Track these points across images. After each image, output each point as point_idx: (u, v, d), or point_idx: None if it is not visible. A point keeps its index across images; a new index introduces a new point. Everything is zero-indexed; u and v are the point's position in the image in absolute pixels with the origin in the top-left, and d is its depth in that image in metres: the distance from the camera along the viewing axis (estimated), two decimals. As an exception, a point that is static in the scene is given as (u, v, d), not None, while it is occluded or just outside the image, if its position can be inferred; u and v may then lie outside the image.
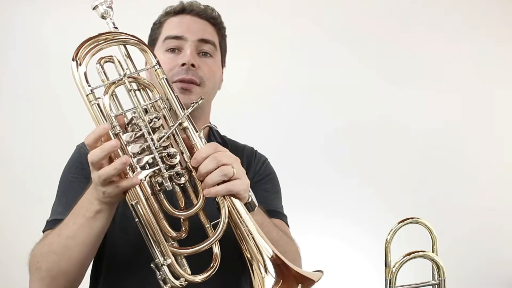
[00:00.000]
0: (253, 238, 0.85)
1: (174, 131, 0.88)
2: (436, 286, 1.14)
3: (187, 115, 0.89)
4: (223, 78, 1.26)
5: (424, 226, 1.18)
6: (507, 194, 2.55)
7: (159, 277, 0.83)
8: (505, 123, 2.59)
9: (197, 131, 0.89)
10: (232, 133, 1.33)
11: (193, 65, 1.09)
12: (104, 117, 0.84)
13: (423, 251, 1.12)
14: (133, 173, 0.82)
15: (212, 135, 1.22)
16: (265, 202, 1.16)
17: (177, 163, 0.87)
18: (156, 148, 0.85)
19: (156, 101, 0.90)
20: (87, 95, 0.85)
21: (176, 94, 0.91)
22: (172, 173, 0.86)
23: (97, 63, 0.92)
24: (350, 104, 2.46)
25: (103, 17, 0.95)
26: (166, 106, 0.90)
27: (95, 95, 0.85)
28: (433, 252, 1.18)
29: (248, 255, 0.86)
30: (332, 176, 2.41)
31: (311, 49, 2.46)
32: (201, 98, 0.92)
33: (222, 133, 1.28)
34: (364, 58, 2.49)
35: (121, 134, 0.84)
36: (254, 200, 0.94)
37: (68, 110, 2.24)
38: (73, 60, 0.86)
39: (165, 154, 0.86)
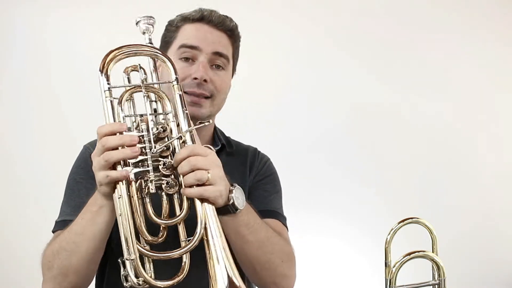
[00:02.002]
0: (216, 250, 0.86)
1: (174, 144, 0.91)
2: (436, 286, 1.14)
3: (190, 132, 0.91)
4: (232, 84, 1.27)
5: (424, 226, 1.19)
6: (507, 194, 2.55)
7: (122, 273, 0.85)
8: (506, 123, 2.60)
9: None
10: (233, 133, 1.33)
11: (205, 80, 1.11)
12: (114, 114, 0.88)
13: (423, 251, 1.12)
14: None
15: (217, 137, 1.24)
16: (264, 202, 1.18)
17: (170, 174, 0.90)
18: (152, 154, 0.88)
19: (167, 114, 0.93)
20: (104, 91, 0.89)
21: (186, 111, 0.93)
22: (162, 181, 0.89)
23: (123, 72, 0.98)
24: (350, 104, 2.46)
25: (143, 33, 1.01)
26: (175, 121, 0.93)
27: (111, 93, 0.89)
28: (433, 252, 1.18)
29: (209, 263, 0.87)
30: (332, 176, 2.41)
31: (311, 48, 2.46)
32: (208, 122, 0.95)
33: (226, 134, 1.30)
34: (366, 59, 2.49)
35: (125, 132, 0.87)
36: (238, 202, 0.95)
37: (68, 110, 2.24)
38: (99, 70, 0.90)
39: (161, 162, 0.89)
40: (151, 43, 0.99)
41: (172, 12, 1.24)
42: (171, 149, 0.91)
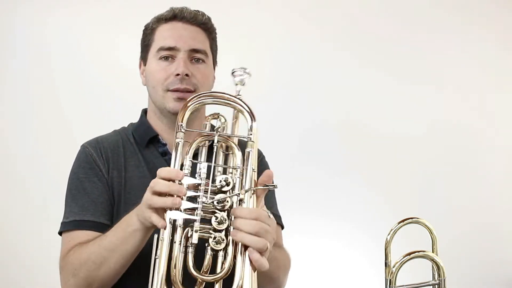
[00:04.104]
0: None
1: (233, 201, 0.90)
2: (436, 286, 1.15)
3: (252, 192, 0.90)
4: (215, 76, 1.28)
5: (424, 226, 1.19)
6: (507, 194, 2.55)
7: None
8: (506, 123, 2.60)
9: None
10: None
11: (186, 75, 1.13)
12: (179, 156, 0.90)
13: (423, 251, 1.12)
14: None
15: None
16: None
17: (221, 229, 0.88)
18: (205, 205, 0.87)
19: (234, 169, 0.93)
20: (176, 132, 0.92)
21: (254, 171, 0.92)
22: (211, 235, 0.87)
23: (205, 118, 1.02)
24: (350, 103, 2.46)
25: (236, 84, 1.03)
26: (240, 177, 0.91)
27: (182, 135, 0.91)
28: (433, 252, 1.18)
29: None
30: (332, 176, 2.40)
31: (308, 46, 2.46)
32: (274, 186, 0.92)
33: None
34: (366, 58, 2.49)
35: (186, 176, 0.88)
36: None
37: (69, 110, 2.24)
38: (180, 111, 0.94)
39: (215, 216, 0.87)
40: (239, 95, 1.01)
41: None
42: (228, 205, 0.89)
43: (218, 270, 0.88)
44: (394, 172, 2.47)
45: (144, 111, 1.25)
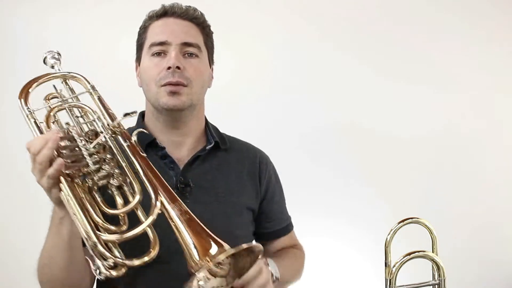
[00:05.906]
0: None
1: (107, 140, 0.95)
2: (436, 286, 1.15)
3: (117, 124, 0.96)
4: (213, 75, 1.26)
5: (424, 226, 1.19)
6: (507, 194, 2.55)
7: (93, 268, 0.84)
8: (506, 124, 2.59)
9: (126, 141, 0.95)
10: (228, 131, 1.33)
11: (178, 68, 1.11)
12: (42, 130, 0.96)
13: (423, 251, 1.12)
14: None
15: (210, 133, 1.23)
16: (277, 218, 1.29)
17: (109, 167, 0.92)
18: (88, 152, 0.92)
19: (93, 120, 0.99)
20: (27, 115, 0.99)
21: (110, 110, 1.00)
22: (104, 173, 0.92)
23: (43, 100, 1.08)
24: (350, 104, 2.46)
25: (52, 67, 1.14)
26: (101, 120, 0.99)
27: (34, 115, 1.00)
28: (433, 252, 1.18)
29: None
30: (332, 176, 2.41)
31: (308, 44, 2.46)
32: (134, 112, 0.96)
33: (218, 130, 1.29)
34: (366, 56, 2.48)
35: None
36: (276, 271, 1.09)
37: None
38: (19, 98, 1.05)
39: (101, 159, 0.92)
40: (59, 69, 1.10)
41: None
42: (106, 147, 0.94)
43: (131, 198, 0.90)
44: (394, 172, 2.47)
45: (141, 115, 1.24)
